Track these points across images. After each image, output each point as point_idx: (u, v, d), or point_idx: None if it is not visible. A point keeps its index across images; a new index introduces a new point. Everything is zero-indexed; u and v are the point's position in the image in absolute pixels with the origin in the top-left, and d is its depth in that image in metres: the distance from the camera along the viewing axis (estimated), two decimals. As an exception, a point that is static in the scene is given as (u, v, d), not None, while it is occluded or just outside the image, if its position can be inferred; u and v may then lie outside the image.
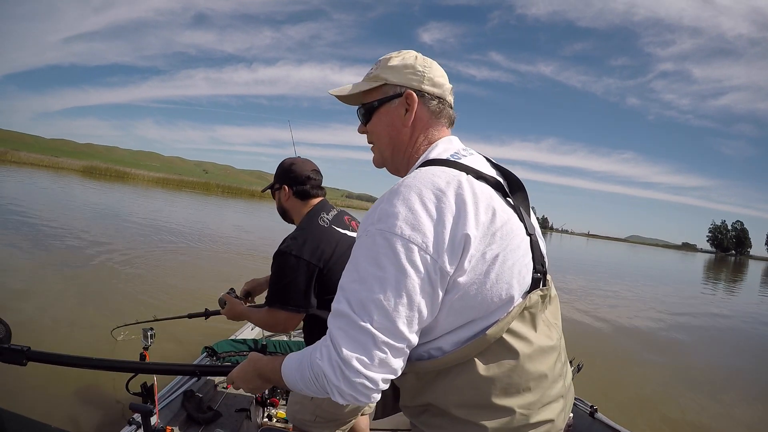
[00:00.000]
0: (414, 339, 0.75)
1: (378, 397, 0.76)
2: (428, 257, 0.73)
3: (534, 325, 0.82)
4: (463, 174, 0.80)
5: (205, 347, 2.59)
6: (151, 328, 1.74)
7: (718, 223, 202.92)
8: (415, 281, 0.72)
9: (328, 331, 0.77)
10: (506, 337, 0.78)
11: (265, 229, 16.95)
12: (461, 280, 0.75)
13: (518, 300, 0.80)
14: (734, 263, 70.91)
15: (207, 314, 2.32)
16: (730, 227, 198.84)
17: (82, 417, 2.61)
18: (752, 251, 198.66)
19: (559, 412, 0.85)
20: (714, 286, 20.49)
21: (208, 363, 2.48)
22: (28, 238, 7.80)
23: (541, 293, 0.84)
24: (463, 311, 0.78)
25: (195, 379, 2.22)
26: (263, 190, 2.01)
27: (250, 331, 3.24)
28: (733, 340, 8.05)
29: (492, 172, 0.89)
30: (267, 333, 3.29)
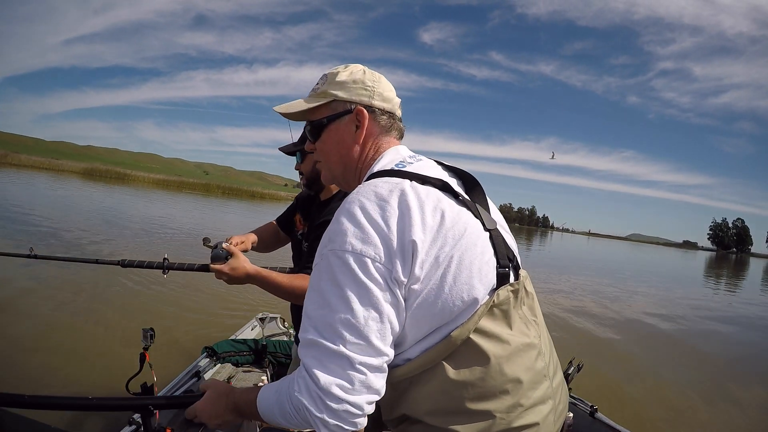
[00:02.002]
0: (390, 353, 0.74)
1: (364, 422, 0.74)
2: (383, 267, 0.72)
3: (508, 323, 0.80)
4: (406, 181, 0.80)
5: (205, 347, 2.60)
6: (151, 329, 1.74)
7: (719, 220, 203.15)
8: (377, 293, 0.72)
9: (301, 362, 0.75)
10: (475, 337, 0.76)
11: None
12: (416, 287, 0.74)
13: (484, 298, 0.77)
14: (735, 261, 70.80)
15: (165, 267, 1.52)
16: (731, 225, 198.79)
17: (81, 417, 2.61)
18: (753, 249, 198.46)
19: (547, 414, 0.81)
20: (716, 284, 20.46)
21: (208, 363, 2.49)
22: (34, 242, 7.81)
23: (512, 288, 0.81)
24: (425, 319, 0.76)
25: (195, 379, 2.23)
26: (289, 149, 1.74)
27: (250, 332, 3.25)
28: (736, 338, 8.03)
29: (441, 175, 0.87)
30: (267, 333, 3.30)
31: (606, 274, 17.48)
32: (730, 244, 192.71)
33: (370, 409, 0.73)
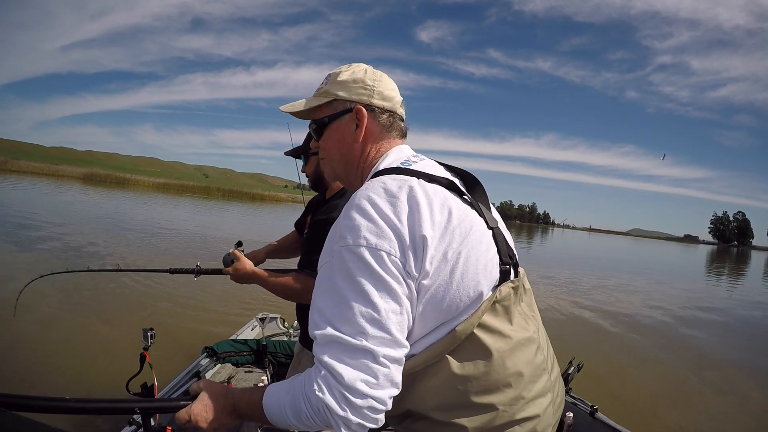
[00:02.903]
0: (408, 345, 0.74)
1: (383, 419, 0.72)
2: (398, 261, 0.73)
3: (509, 318, 0.82)
4: (414, 178, 0.81)
5: (206, 347, 2.61)
6: (151, 329, 1.75)
7: (720, 214, 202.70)
8: (395, 286, 0.72)
9: (317, 361, 0.73)
10: (479, 332, 0.77)
11: (271, 231, 16.97)
12: (426, 282, 0.75)
13: (487, 294, 0.79)
14: (736, 254, 70.69)
15: (198, 272, 1.83)
16: (731, 218, 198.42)
17: (81, 417, 2.62)
18: (754, 242, 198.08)
19: (546, 406, 0.83)
20: (717, 279, 20.43)
21: (208, 363, 2.50)
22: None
23: (513, 285, 0.83)
24: (433, 315, 0.77)
25: (195, 379, 2.24)
26: (294, 152, 1.81)
27: (250, 332, 3.26)
28: (737, 335, 7.99)
29: (445, 174, 0.89)
30: (267, 333, 3.32)
31: (607, 270, 17.47)
32: (731, 238, 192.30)
33: (390, 404, 0.72)
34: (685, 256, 43.47)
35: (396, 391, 0.72)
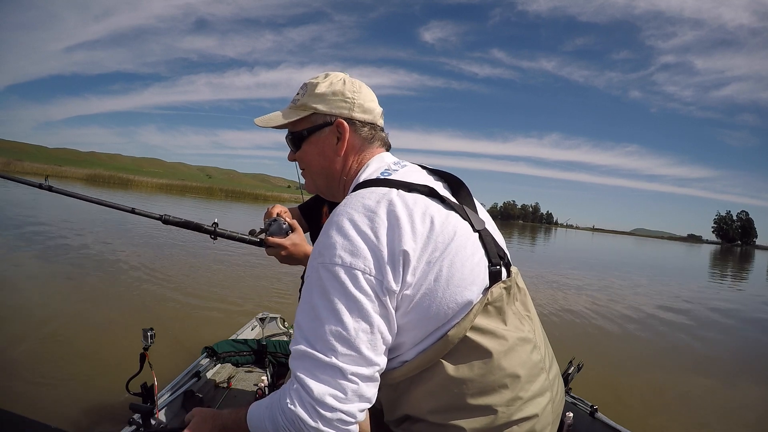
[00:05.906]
0: (382, 362, 0.75)
1: (356, 429, 0.75)
2: (373, 279, 0.74)
3: (503, 319, 0.82)
4: (393, 190, 0.81)
5: (205, 347, 2.61)
6: (151, 329, 1.76)
7: (723, 213, 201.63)
8: (367, 305, 0.73)
9: (292, 375, 0.75)
10: (472, 335, 0.78)
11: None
12: (409, 293, 0.76)
13: (478, 297, 0.79)
14: (740, 254, 70.30)
15: (216, 233, 1.42)
16: (735, 217, 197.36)
17: (81, 417, 2.64)
18: (758, 241, 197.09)
19: (545, 405, 0.83)
20: (720, 278, 20.33)
21: (208, 363, 2.50)
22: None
23: (505, 285, 0.83)
24: (422, 323, 0.78)
25: (195, 379, 2.25)
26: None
27: (250, 332, 3.26)
28: (740, 334, 7.95)
29: (426, 180, 0.88)
30: (267, 333, 3.32)
31: (607, 269, 17.40)
32: (734, 237, 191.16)
33: (362, 416, 0.74)
34: (687, 256, 43.26)
35: (367, 405, 0.74)
